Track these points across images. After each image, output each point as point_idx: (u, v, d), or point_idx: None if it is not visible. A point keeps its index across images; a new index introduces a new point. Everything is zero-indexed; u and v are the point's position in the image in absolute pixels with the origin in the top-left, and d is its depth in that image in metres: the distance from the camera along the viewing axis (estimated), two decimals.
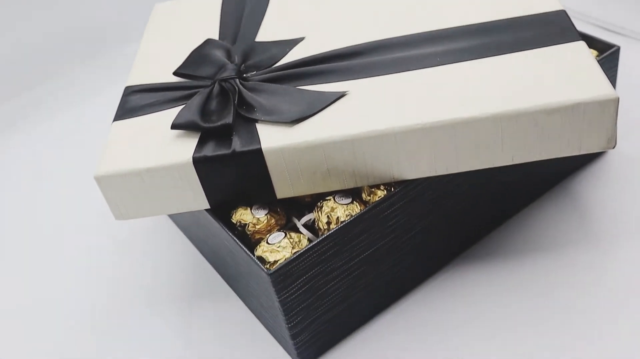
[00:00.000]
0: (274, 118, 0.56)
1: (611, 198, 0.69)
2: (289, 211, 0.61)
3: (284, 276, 0.52)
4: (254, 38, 0.67)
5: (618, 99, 0.51)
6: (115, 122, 0.61)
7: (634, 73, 0.83)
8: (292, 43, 0.65)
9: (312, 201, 0.60)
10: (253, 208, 0.59)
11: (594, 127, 0.53)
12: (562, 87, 0.53)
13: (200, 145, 0.56)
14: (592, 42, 0.69)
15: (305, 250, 0.53)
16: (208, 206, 0.58)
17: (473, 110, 0.52)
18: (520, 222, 0.68)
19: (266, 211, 0.59)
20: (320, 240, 0.53)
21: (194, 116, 0.56)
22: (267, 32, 0.68)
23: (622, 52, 0.76)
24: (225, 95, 0.58)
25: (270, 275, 0.52)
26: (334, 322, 0.59)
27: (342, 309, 0.59)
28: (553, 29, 0.59)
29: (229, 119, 0.56)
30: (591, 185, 0.70)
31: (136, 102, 0.63)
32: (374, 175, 0.56)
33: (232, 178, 0.56)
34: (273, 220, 0.58)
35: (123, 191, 0.57)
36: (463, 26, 0.61)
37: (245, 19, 0.70)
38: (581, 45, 0.56)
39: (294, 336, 0.57)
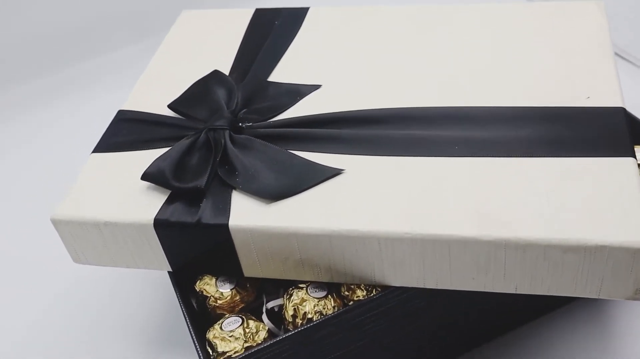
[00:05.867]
0: (252, 190, 0.49)
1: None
2: (262, 287, 0.55)
3: None
4: (267, 76, 0.60)
5: None
6: (94, 154, 0.56)
7: None
8: (306, 90, 0.57)
9: (289, 281, 0.54)
10: (219, 279, 0.52)
11: (619, 275, 0.43)
12: (588, 219, 0.43)
13: (168, 204, 0.50)
14: None
15: (257, 350, 0.47)
16: (170, 269, 0.52)
17: (472, 230, 0.44)
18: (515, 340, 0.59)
19: (232, 286, 0.52)
20: (276, 341, 0.47)
21: (166, 170, 0.50)
22: (282, 73, 0.60)
23: None
24: (209, 149, 0.52)
25: None
26: None
27: None
28: (601, 134, 0.49)
29: (201, 182, 0.49)
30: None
31: (123, 133, 0.57)
32: (352, 274, 0.48)
33: (196, 248, 0.50)
34: (238, 297, 0.52)
35: (81, 239, 0.52)
36: (498, 107, 0.52)
37: (263, 53, 0.62)
38: (629, 164, 0.46)
39: None
